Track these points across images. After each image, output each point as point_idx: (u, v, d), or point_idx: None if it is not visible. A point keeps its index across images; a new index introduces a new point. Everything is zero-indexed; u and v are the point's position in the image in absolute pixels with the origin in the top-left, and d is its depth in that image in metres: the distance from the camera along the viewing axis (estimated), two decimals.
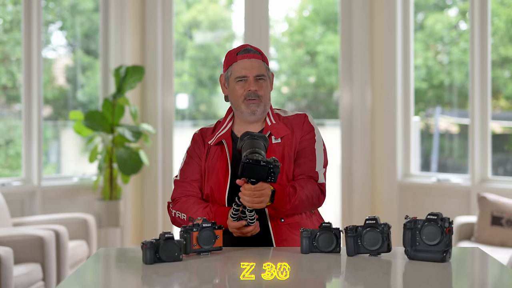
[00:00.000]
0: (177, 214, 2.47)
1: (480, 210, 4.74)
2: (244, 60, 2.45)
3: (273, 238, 2.38)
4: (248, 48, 2.47)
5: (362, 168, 5.86)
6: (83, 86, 6.46)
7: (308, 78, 7.83)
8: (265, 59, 2.50)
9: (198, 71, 7.51)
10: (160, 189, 6.08)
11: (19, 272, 4.02)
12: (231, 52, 2.50)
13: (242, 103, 2.45)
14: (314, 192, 2.42)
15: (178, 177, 2.53)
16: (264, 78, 2.46)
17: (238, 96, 2.45)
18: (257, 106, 2.44)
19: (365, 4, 5.80)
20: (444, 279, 1.93)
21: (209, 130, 2.56)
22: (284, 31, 7.89)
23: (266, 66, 2.49)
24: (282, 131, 2.46)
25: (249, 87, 2.43)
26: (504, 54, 5.74)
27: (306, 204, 2.40)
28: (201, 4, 7.66)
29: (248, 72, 2.44)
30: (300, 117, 2.52)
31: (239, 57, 2.46)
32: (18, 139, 5.81)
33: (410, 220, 2.09)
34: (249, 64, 2.44)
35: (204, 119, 7.67)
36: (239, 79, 2.44)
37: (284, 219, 2.40)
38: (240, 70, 2.44)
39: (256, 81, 2.44)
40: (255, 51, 2.47)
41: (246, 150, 2.21)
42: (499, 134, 5.91)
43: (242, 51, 2.47)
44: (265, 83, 2.46)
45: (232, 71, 2.47)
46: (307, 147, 2.47)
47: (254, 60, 2.45)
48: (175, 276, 1.98)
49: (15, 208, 5.25)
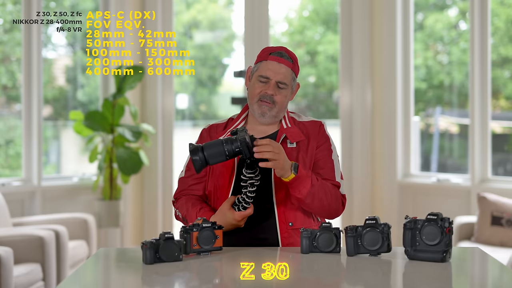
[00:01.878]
0: (177, 212, 2.50)
1: (480, 210, 4.74)
2: (273, 62, 2.42)
3: (280, 241, 2.37)
4: (283, 52, 2.44)
5: (362, 168, 5.86)
6: (83, 86, 6.46)
7: (308, 78, 7.83)
8: (296, 69, 2.46)
9: (197, 71, 7.51)
10: (160, 189, 6.08)
11: (19, 272, 4.02)
12: (266, 49, 2.47)
13: (256, 102, 2.43)
14: (334, 197, 2.39)
15: (183, 174, 2.53)
16: (286, 87, 2.43)
17: (254, 94, 2.43)
18: (268, 110, 2.42)
19: (365, 4, 5.80)
20: (444, 279, 1.93)
21: (220, 126, 2.54)
22: (284, 31, 7.89)
23: (294, 76, 2.45)
24: (297, 136, 2.44)
25: (267, 90, 2.41)
26: (504, 54, 5.74)
27: (324, 202, 2.35)
28: (201, 4, 7.67)
29: (272, 75, 2.41)
30: (316, 124, 2.50)
31: (270, 57, 2.43)
32: (18, 139, 5.81)
33: (410, 220, 2.09)
34: (277, 68, 2.41)
35: (204, 119, 7.68)
36: (261, 78, 2.42)
37: (292, 223, 2.39)
38: (265, 70, 2.41)
39: (276, 86, 2.41)
40: (288, 58, 2.43)
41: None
42: (499, 134, 5.92)
43: (276, 52, 2.43)
44: (284, 91, 2.43)
45: (259, 67, 2.44)
46: (325, 158, 2.46)
47: (283, 66, 2.41)
48: (175, 276, 1.98)
49: (15, 208, 5.25)
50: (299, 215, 2.40)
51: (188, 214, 2.42)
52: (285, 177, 2.28)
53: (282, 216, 2.38)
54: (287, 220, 2.38)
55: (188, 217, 2.43)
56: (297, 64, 2.47)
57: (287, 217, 2.38)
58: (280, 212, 2.37)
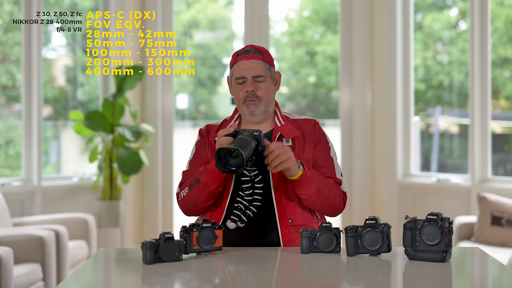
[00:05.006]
0: (183, 194, 2.44)
1: (480, 210, 4.74)
2: (242, 61, 2.45)
3: (281, 237, 2.37)
4: (247, 49, 2.47)
5: (362, 168, 5.86)
6: (83, 86, 6.46)
7: (308, 78, 7.83)
8: (267, 58, 2.48)
9: (197, 71, 7.51)
10: (160, 189, 6.08)
11: (19, 272, 4.02)
12: (234, 54, 2.51)
13: (243, 104, 2.46)
14: (337, 194, 2.41)
15: (187, 168, 2.53)
16: (263, 79, 2.45)
17: (239, 98, 2.46)
18: (256, 107, 2.44)
19: (365, 4, 5.80)
20: (444, 279, 1.93)
21: (214, 127, 2.56)
22: (284, 31, 7.89)
23: (268, 65, 2.47)
24: (292, 133, 2.46)
25: (247, 88, 2.43)
26: (503, 54, 5.74)
27: (328, 199, 2.37)
28: (201, 3, 7.67)
29: (245, 73, 2.44)
30: (310, 122, 2.52)
31: (238, 58, 2.47)
32: (18, 139, 5.81)
33: (410, 220, 2.09)
34: (247, 65, 2.44)
35: (204, 119, 7.68)
36: (238, 80, 2.45)
37: (292, 219, 2.40)
38: (238, 71, 2.45)
39: (254, 82, 2.44)
40: (256, 51, 2.46)
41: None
42: (499, 134, 5.92)
43: (242, 52, 2.47)
44: (264, 84, 2.45)
45: (233, 72, 2.48)
46: (324, 156, 2.47)
47: (253, 61, 2.44)
48: (175, 276, 1.98)
49: (15, 208, 5.25)
50: (298, 211, 2.41)
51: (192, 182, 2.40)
52: (294, 174, 2.29)
53: (282, 213, 2.39)
54: (287, 217, 2.39)
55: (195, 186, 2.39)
56: (268, 54, 2.49)
57: (287, 214, 2.39)
58: (280, 209, 2.38)
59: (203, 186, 2.35)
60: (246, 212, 2.33)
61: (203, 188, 2.36)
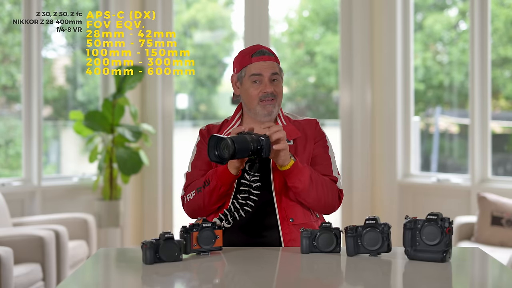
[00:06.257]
0: (189, 197, 2.44)
1: (480, 210, 4.74)
2: (259, 62, 2.45)
3: (282, 237, 2.38)
4: (263, 50, 2.47)
5: (362, 168, 5.86)
6: (83, 86, 6.46)
7: (308, 78, 7.84)
8: (278, 60, 2.51)
9: (197, 70, 7.51)
10: (160, 189, 6.08)
11: (19, 272, 4.02)
12: (245, 53, 2.49)
13: (257, 104, 2.45)
14: (331, 190, 2.42)
15: (190, 170, 2.53)
16: (278, 78, 2.47)
17: (253, 96, 2.45)
18: (273, 107, 2.45)
19: (365, 4, 5.80)
20: (444, 279, 1.93)
21: (215, 127, 2.56)
22: (284, 31, 7.90)
23: (280, 67, 2.51)
24: (294, 133, 2.47)
25: (265, 89, 2.43)
26: (503, 54, 5.74)
27: (321, 194, 2.38)
28: (200, 3, 7.67)
29: (265, 72, 2.44)
30: (312, 122, 2.54)
31: (254, 59, 2.46)
32: (18, 139, 5.81)
33: (410, 220, 2.09)
34: (264, 65, 2.45)
35: (204, 119, 7.68)
36: (254, 77, 2.43)
37: (293, 219, 2.40)
38: (256, 69, 2.44)
39: (271, 81, 2.45)
40: (270, 53, 2.48)
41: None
42: (499, 134, 5.92)
43: (257, 53, 2.46)
44: (279, 82, 2.48)
45: (247, 71, 2.46)
46: (322, 154, 2.49)
47: (269, 62, 2.46)
48: (175, 276, 1.98)
49: (15, 208, 5.25)
50: (299, 211, 2.42)
51: (201, 183, 2.40)
52: (286, 163, 2.31)
53: (283, 212, 2.39)
54: (287, 216, 2.39)
55: (197, 184, 2.40)
56: (276, 56, 2.53)
57: (287, 213, 2.40)
58: (281, 209, 2.39)
59: (212, 189, 2.35)
60: (234, 213, 2.32)
61: (212, 191, 2.36)
